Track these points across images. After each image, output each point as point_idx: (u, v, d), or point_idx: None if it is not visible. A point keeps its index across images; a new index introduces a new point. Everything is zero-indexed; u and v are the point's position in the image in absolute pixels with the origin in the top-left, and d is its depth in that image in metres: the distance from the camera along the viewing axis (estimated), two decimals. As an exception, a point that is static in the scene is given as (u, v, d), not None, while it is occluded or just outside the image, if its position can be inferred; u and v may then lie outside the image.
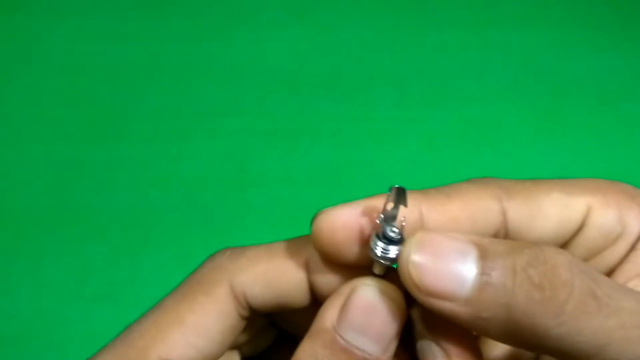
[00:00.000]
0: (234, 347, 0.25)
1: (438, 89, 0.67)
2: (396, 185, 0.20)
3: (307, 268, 0.23)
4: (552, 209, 0.23)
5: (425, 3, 0.73)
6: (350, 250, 0.21)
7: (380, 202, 0.21)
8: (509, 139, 0.64)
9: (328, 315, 0.21)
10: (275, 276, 0.23)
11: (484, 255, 0.19)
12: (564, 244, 0.24)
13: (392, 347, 0.21)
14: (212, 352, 0.23)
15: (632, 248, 0.23)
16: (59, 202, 0.58)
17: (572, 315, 0.18)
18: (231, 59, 0.68)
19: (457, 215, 0.22)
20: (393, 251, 0.20)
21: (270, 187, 0.60)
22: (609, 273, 0.24)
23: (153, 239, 0.57)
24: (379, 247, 0.20)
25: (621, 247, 0.23)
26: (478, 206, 0.22)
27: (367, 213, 0.21)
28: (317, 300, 0.23)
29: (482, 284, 0.19)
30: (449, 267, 0.19)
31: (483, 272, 0.19)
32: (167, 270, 0.54)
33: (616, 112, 0.67)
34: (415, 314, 0.21)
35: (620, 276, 0.23)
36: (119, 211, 0.58)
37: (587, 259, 0.24)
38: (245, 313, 0.23)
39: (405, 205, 0.20)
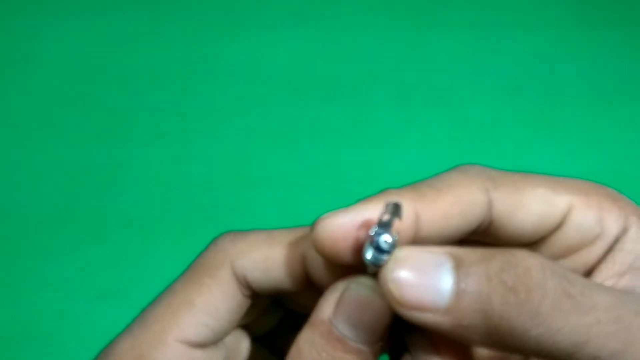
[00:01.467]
0: (242, 326, 0.27)
1: (437, 90, 0.67)
2: (392, 201, 0.21)
3: (304, 259, 0.24)
4: (535, 204, 0.24)
5: (424, 5, 0.73)
6: (348, 255, 0.22)
7: (376, 207, 0.22)
8: (507, 140, 0.64)
9: (325, 308, 0.22)
10: (273, 264, 0.24)
11: (459, 265, 0.20)
12: (543, 239, 0.24)
13: (384, 338, 0.22)
14: (222, 329, 0.24)
15: (610, 249, 0.24)
16: (62, 202, 0.58)
17: (548, 315, 0.19)
18: (232, 61, 0.68)
19: (449, 211, 0.23)
20: (384, 259, 0.21)
21: (271, 187, 0.60)
22: (587, 273, 0.25)
23: (156, 239, 0.57)
24: (372, 255, 0.21)
25: (599, 248, 0.24)
26: (467, 200, 0.23)
27: (365, 225, 0.22)
28: (313, 285, 0.24)
29: (459, 292, 0.19)
30: (427, 280, 0.20)
31: (459, 280, 0.20)
32: (170, 269, 0.52)
33: (613, 114, 0.67)
34: None
35: (598, 276, 0.24)
36: (122, 211, 0.58)
37: (564, 256, 0.25)
38: (248, 293, 0.25)
39: (400, 219, 0.21)
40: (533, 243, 0.25)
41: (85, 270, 0.55)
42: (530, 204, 0.24)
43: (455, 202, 0.23)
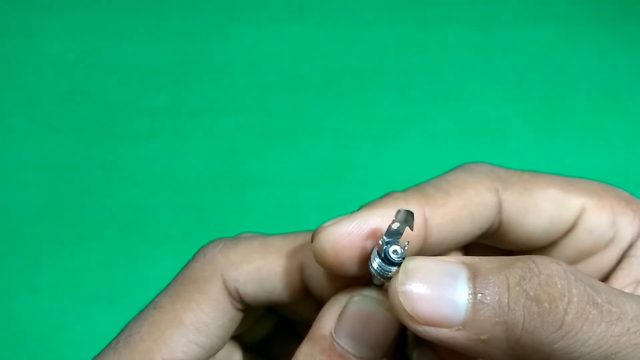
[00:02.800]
0: (234, 336, 0.26)
1: (440, 87, 0.67)
2: (404, 209, 0.20)
3: (302, 269, 0.23)
4: (546, 205, 0.23)
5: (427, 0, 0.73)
6: (352, 266, 0.21)
7: (382, 214, 0.21)
8: (513, 138, 0.64)
9: (326, 322, 0.22)
10: (268, 275, 0.23)
11: (475, 275, 0.19)
12: (554, 244, 0.24)
13: (389, 353, 0.22)
14: (213, 345, 0.24)
15: (625, 255, 0.23)
16: (54, 202, 0.58)
17: (574, 326, 0.18)
18: (229, 56, 0.67)
19: (458, 214, 0.22)
20: (393, 270, 0.20)
21: (269, 187, 0.59)
22: (601, 280, 0.24)
23: (150, 240, 0.56)
24: (380, 266, 0.20)
25: (613, 253, 0.24)
26: (477, 202, 0.22)
27: (372, 234, 0.21)
28: (311, 294, 0.24)
29: (477, 304, 0.18)
30: (441, 292, 0.19)
31: (476, 292, 0.18)
32: (164, 271, 0.53)
33: (621, 111, 0.66)
34: None
35: (614, 284, 0.23)
36: (116, 212, 0.58)
37: (576, 262, 0.24)
38: (240, 306, 0.24)
39: (412, 229, 0.20)
40: (543, 247, 0.24)
41: (76, 272, 0.55)
42: (541, 205, 0.23)
43: (464, 205, 0.22)
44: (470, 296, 0.18)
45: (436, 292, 0.19)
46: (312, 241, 0.21)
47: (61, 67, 0.66)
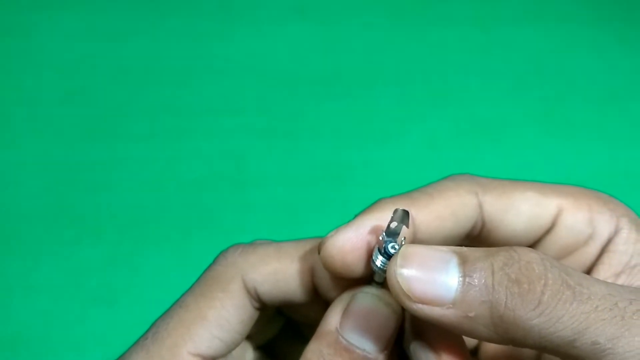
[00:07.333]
0: (246, 337, 0.28)
1: (441, 87, 0.67)
2: (400, 209, 0.22)
3: (313, 272, 0.26)
4: (524, 206, 0.26)
5: (428, -1, 0.73)
6: (358, 267, 0.24)
7: (377, 217, 0.24)
8: (513, 138, 0.64)
9: (332, 318, 0.24)
10: (283, 277, 0.26)
11: (464, 261, 0.21)
12: (536, 242, 0.26)
13: (389, 346, 0.24)
14: (234, 340, 0.26)
15: (604, 250, 0.26)
16: (54, 202, 0.58)
17: (550, 304, 0.20)
18: (230, 56, 0.67)
19: (441, 213, 0.25)
20: None
21: (269, 187, 0.59)
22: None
23: (150, 240, 0.56)
24: (381, 261, 0.23)
25: (592, 249, 0.26)
26: (458, 202, 0.25)
27: (373, 231, 0.24)
28: (320, 297, 0.26)
29: (466, 286, 0.21)
30: (434, 275, 0.21)
31: (465, 275, 0.21)
32: (165, 272, 0.54)
33: (622, 111, 0.66)
34: (409, 317, 0.24)
35: (596, 276, 0.25)
36: (116, 212, 0.58)
37: (559, 258, 0.26)
38: (258, 305, 0.26)
39: (407, 226, 0.23)
40: (527, 246, 0.26)
41: (77, 273, 0.55)
42: (519, 206, 0.26)
43: (446, 205, 0.25)
44: (460, 279, 0.21)
45: (430, 275, 0.21)
46: (319, 252, 0.24)
47: (61, 67, 0.66)
